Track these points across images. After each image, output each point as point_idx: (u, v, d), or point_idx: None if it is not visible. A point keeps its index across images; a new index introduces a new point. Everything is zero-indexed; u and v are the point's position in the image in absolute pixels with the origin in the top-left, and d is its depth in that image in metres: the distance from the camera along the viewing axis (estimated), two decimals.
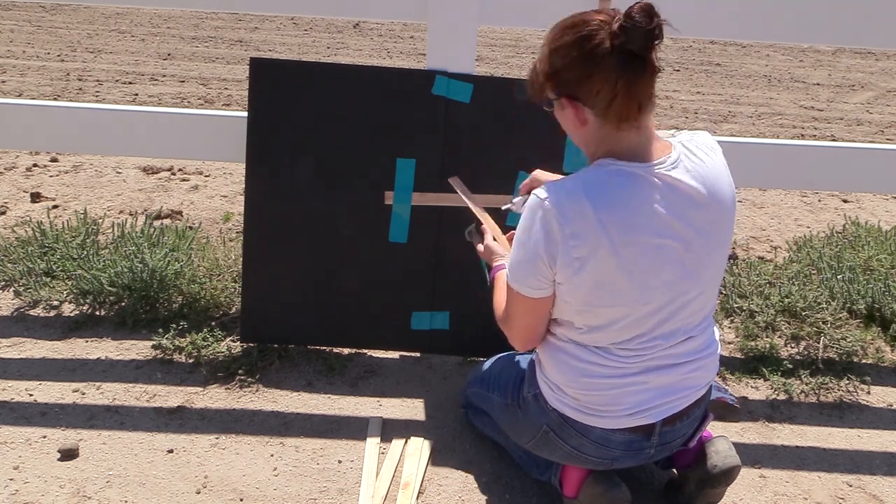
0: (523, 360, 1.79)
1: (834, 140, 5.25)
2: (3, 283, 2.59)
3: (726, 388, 2.20)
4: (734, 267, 2.87)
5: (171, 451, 1.89)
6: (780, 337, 2.50)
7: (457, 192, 2.08)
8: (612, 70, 1.32)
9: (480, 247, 1.87)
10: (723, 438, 1.71)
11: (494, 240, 1.84)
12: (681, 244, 1.42)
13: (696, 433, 1.66)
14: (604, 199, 1.37)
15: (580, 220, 1.37)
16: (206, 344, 2.26)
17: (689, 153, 1.44)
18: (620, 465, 1.63)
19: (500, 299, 1.64)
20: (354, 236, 2.19)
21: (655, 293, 1.43)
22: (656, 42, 1.30)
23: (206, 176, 3.80)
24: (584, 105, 1.38)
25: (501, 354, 1.91)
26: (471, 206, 2.01)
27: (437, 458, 1.91)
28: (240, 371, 2.18)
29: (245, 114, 2.16)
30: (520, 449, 1.81)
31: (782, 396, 2.24)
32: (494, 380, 1.84)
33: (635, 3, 1.28)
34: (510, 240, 1.85)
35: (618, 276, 1.40)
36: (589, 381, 1.51)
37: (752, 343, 2.44)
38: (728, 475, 1.69)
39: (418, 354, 2.32)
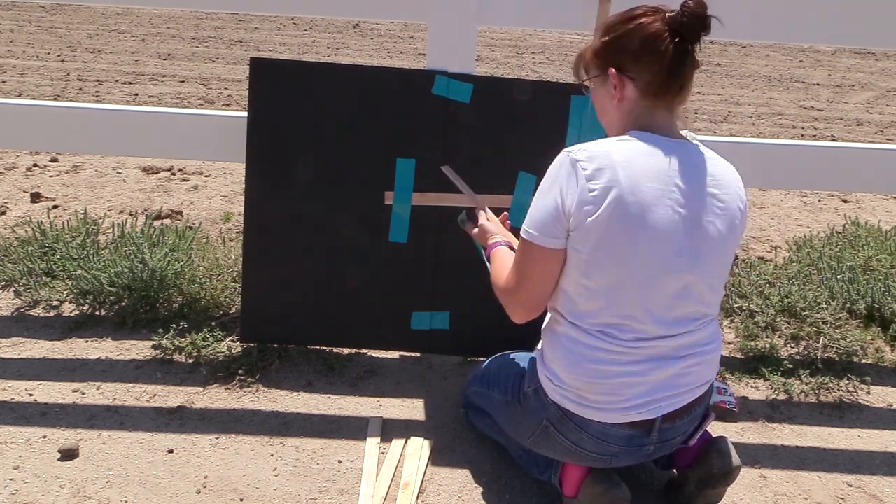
0: (522, 358, 1.80)
1: (834, 140, 5.26)
2: (3, 283, 2.59)
3: (727, 387, 2.20)
4: (734, 267, 2.87)
5: (171, 451, 1.89)
6: (780, 337, 2.50)
7: (453, 182, 2.10)
8: (663, 51, 1.45)
9: (475, 230, 1.91)
10: (723, 439, 1.71)
11: (488, 220, 1.89)
12: (687, 215, 1.45)
13: (696, 432, 1.66)
14: (625, 150, 1.45)
15: (600, 164, 1.43)
16: (206, 344, 2.26)
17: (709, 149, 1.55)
18: (620, 462, 1.62)
19: (499, 271, 1.66)
20: (354, 236, 2.19)
21: (656, 254, 1.44)
22: (704, 33, 1.44)
23: (206, 176, 3.80)
24: (629, 78, 1.49)
25: (501, 353, 1.91)
26: (465, 191, 2.07)
27: (437, 458, 1.91)
28: (240, 371, 2.18)
29: (245, 114, 2.16)
30: (520, 448, 1.82)
31: (782, 396, 2.25)
32: (494, 377, 1.84)
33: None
34: (503, 221, 1.89)
35: (627, 223, 1.42)
36: (592, 367, 1.50)
37: (752, 343, 2.44)
38: (728, 476, 1.69)
39: (418, 354, 2.32)
